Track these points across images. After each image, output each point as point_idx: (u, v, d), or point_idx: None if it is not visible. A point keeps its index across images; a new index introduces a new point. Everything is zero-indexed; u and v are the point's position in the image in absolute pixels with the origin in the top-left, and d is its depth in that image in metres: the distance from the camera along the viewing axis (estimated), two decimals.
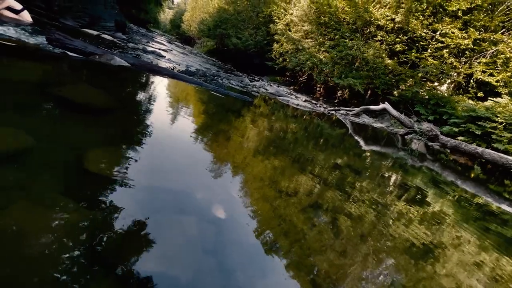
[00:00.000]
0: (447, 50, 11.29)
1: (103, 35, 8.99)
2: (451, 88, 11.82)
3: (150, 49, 10.32)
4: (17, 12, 6.12)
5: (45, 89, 2.41)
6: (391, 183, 3.54)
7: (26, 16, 6.26)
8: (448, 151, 7.64)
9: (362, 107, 10.85)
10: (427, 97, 11.14)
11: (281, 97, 10.22)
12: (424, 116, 10.52)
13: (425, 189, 3.63)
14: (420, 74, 11.77)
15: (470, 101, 10.22)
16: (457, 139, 8.05)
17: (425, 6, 11.64)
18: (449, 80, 11.78)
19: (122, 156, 1.78)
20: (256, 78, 15.91)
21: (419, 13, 11.75)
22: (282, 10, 18.13)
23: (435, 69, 11.28)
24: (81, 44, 4.95)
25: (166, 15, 51.87)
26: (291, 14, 16.95)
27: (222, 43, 24.65)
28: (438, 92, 11.46)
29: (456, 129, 8.73)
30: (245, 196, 1.96)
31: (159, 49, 11.99)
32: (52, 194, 1.25)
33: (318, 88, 16.24)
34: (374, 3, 12.90)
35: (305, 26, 15.65)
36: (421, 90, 11.54)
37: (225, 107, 5.19)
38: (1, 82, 2.28)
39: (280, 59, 17.53)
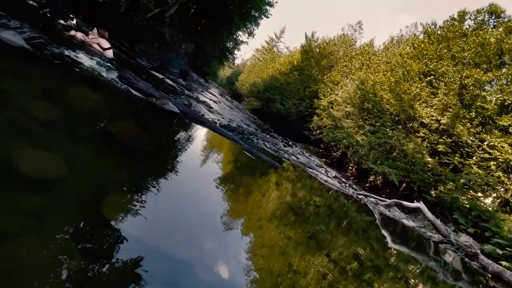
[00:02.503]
0: (495, 163, 10.69)
1: (167, 79, 10.19)
2: (496, 203, 10.82)
3: (202, 98, 11.34)
4: (104, 49, 7.41)
5: (98, 121, 2.71)
6: None
7: (109, 53, 7.52)
8: (489, 275, 6.63)
9: (394, 199, 10.25)
10: (468, 206, 10.23)
11: (310, 169, 10.16)
12: (463, 227, 9.54)
13: None
14: (462, 180, 11.07)
15: None
16: (500, 264, 7.04)
17: (474, 115, 11.54)
18: (495, 194, 10.87)
19: (140, 207, 1.82)
20: (290, 143, 16.28)
21: (466, 120, 11.63)
22: (328, 89, 19.45)
23: (479, 179, 10.58)
24: (145, 85, 5.64)
25: (225, 72, 58.38)
26: (336, 94, 18.02)
27: (267, 105, 26.76)
28: (482, 204, 10.53)
29: (500, 252, 7.70)
30: (250, 270, 1.84)
31: (210, 100, 13.14)
32: (62, 234, 1.29)
33: (350, 167, 16.00)
34: (420, 101, 13.16)
35: (348, 108, 16.29)
36: (462, 197, 10.70)
37: (252, 168, 5.28)
38: (65, 108, 2.62)
39: (318, 131, 18.20)
